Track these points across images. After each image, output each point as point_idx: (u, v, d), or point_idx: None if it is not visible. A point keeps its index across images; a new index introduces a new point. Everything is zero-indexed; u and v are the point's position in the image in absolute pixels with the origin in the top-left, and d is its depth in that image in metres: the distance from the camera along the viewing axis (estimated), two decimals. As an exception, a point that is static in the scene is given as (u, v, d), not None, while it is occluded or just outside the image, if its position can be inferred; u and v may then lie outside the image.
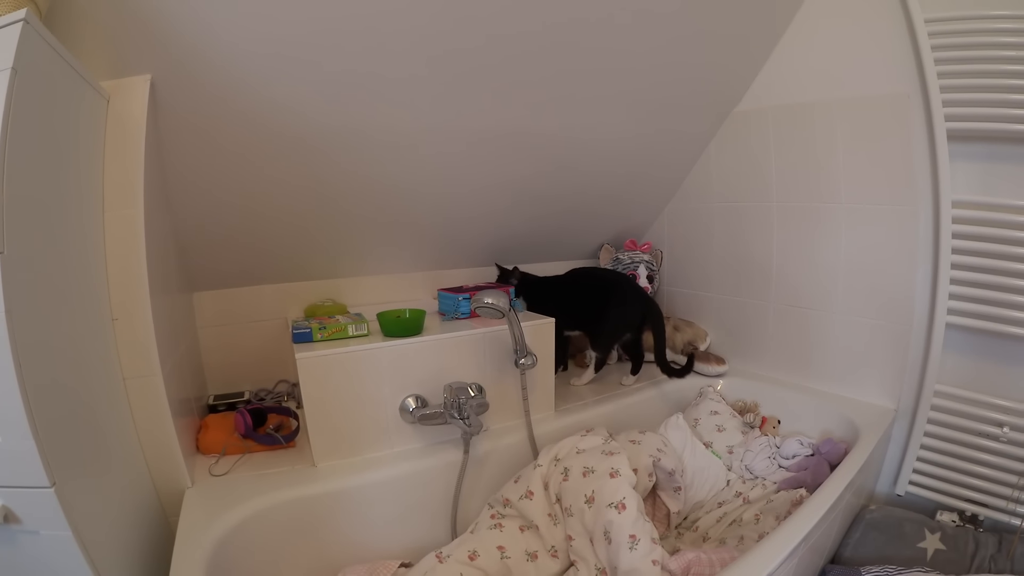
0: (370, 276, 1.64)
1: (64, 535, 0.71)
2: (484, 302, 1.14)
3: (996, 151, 1.24)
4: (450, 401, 1.17)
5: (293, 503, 1.06)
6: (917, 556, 1.22)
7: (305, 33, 0.99)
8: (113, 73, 0.95)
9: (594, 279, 1.70)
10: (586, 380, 1.71)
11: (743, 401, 1.65)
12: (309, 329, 1.19)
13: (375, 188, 1.37)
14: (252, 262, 1.42)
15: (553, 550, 1.12)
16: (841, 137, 1.44)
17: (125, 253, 0.96)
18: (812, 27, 1.46)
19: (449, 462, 1.22)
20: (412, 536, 1.19)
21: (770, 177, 1.61)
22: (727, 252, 1.78)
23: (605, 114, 1.46)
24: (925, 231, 1.33)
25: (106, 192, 0.95)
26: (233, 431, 1.22)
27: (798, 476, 1.32)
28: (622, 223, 1.99)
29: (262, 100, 1.06)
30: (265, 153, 1.17)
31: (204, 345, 1.45)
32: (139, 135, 0.96)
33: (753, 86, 1.61)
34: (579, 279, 1.71)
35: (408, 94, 1.17)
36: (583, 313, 1.63)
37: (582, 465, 1.14)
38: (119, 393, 0.96)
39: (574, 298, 1.64)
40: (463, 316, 1.40)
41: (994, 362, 1.29)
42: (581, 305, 1.63)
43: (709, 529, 1.27)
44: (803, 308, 1.60)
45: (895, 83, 1.32)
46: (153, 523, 1.01)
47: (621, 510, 1.03)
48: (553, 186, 1.64)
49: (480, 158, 1.42)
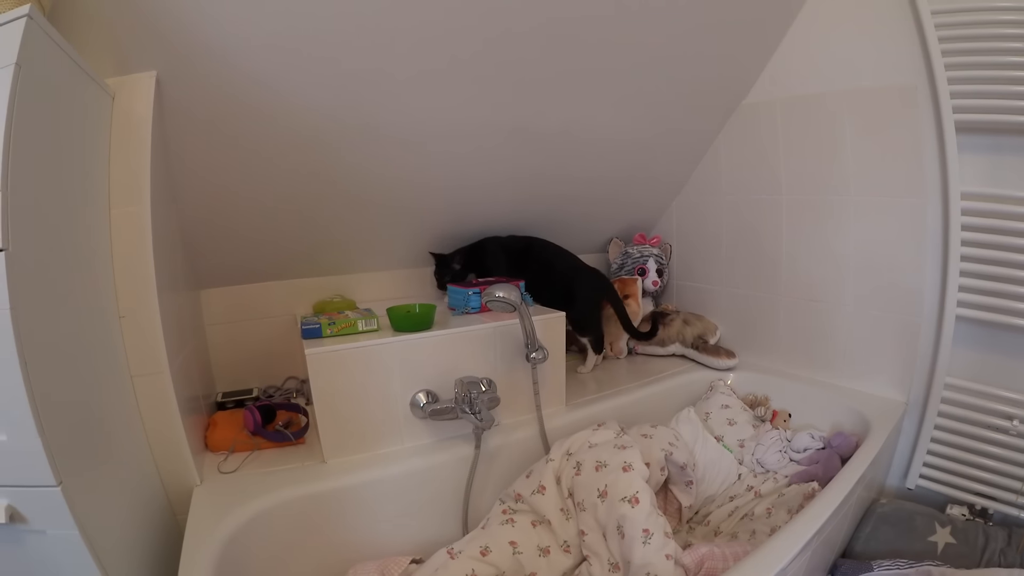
0: (379, 272, 1.64)
1: (71, 534, 0.70)
2: (495, 296, 1.14)
3: (1004, 143, 1.23)
4: (461, 396, 1.16)
5: (303, 500, 1.06)
6: (928, 550, 1.22)
7: (314, 28, 0.98)
8: (118, 70, 0.95)
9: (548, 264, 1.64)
10: (591, 366, 1.71)
11: (754, 395, 1.65)
12: (318, 325, 1.18)
13: (383, 184, 1.36)
14: (260, 258, 1.41)
15: (566, 545, 1.12)
16: (849, 129, 1.43)
17: (132, 250, 0.95)
18: (818, 19, 1.45)
19: (460, 457, 1.21)
20: (423, 532, 1.18)
21: (779, 170, 1.61)
22: (736, 245, 1.77)
23: (613, 107, 1.46)
24: (934, 223, 1.32)
25: (112, 189, 0.94)
26: (242, 428, 1.21)
27: (809, 469, 1.32)
28: (631, 217, 1.98)
29: (270, 96, 1.06)
30: (273, 149, 1.16)
31: (212, 342, 1.44)
32: (145, 132, 0.96)
33: (761, 79, 1.60)
34: (521, 244, 1.65)
35: (418, 90, 1.16)
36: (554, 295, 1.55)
37: (595, 459, 1.13)
38: (127, 391, 0.96)
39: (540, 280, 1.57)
40: (473, 311, 1.39)
41: (1004, 355, 1.28)
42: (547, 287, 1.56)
43: (721, 523, 1.27)
44: (813, 301, 1.60)
45: (903, 75, 1.32)
46: (161, 521, 1.00)
47: (634, 504, 1.02)
48: (561, 181, 1.64)
49: (489, 153, 1.42)
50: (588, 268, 1.69)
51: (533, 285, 1.54)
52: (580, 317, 1.61)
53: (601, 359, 1.77)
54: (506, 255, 1.64)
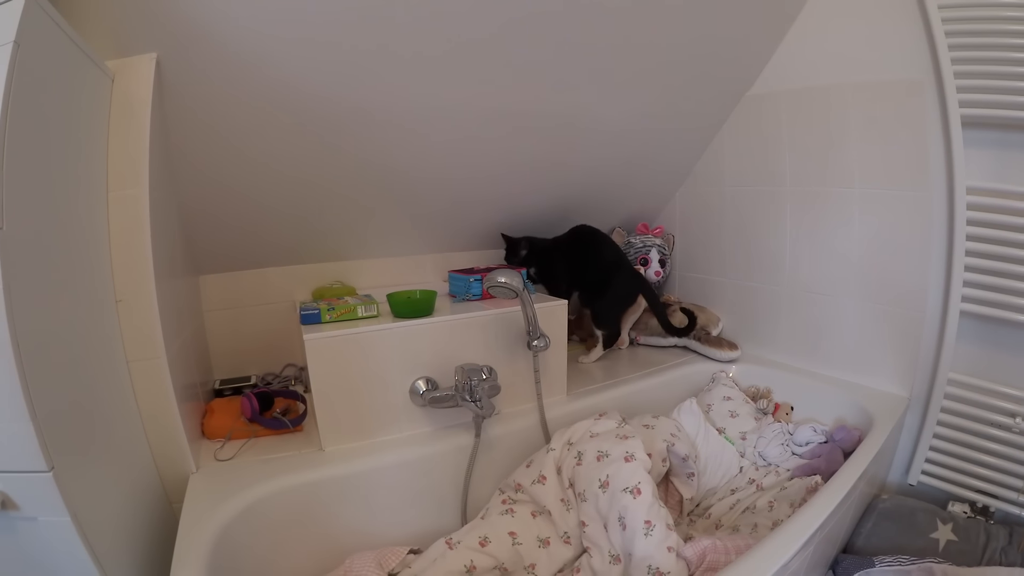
0: (379, 259, 1.63)
1: (63, 520, 0.69)
2: (497, 281, 1.12)
3: (1010, 138, 1.23)
4: (461, 383, 1.15)
5: (300, 488, 1.04)
6: (929, 547, 1.21)
7: (317, 11, 0.96)
8: (118, 52, 0.94)
9: (598, 249, 1.70)
10: (595, 357, 1.71)
11: (756, 387, 1.64)
12: (317, 310, 1.17)
13: (384, 169, 1.35)
14: (259, 245, 1.40)
15: (566, 536, 1.11)
16: (855, 122, 1.42)
17: (129, 234, 0.94)
18: (824, 11, 1.45)
19: (460, 446, 1.20)
20: (421, 522, 1.17)
21: (783, 162, 1.60)
22: (739, 237, 1.76)
23: (616, 97, 1.44)
24: (939, 217, 1.31)
25: (110, 172, 0.93)
26: (239, 415, 1.20)
27: (812, 463, 1.31)
28: (634, 207, 1.98)
29: (271, 80, 1.04)
30: (272, 133, 1.15)
31: (210, 329, 1.43)
32: (144, 115, 0.95)
33: (765, 71, 1.59)
34: (583, 244, 1.70)
35: (418, 74, 1.15)
36: (589, 283, 1.64)
37: (596, 449, 1.12)
38: (122, 376, 0.94)
39: (582, 265, 1.64)
40: (475, 297, 1.38)
41: (1008, 351, 1.28)
42: (587, 273, 1.64)
43: (722, 516, 1.25)
44: (816, 294, 1.59)
45: (909, 69, 1.31)
46: (156, 509, 0.99)
47: (636, 495, 1.01)
48: (563, 169, 1.63)
49: (489, 140, 1.40)
50: (630, 266, 1.73)
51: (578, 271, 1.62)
52: (606, 310, 1.65)
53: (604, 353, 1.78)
54: (557, 246, 1.69)
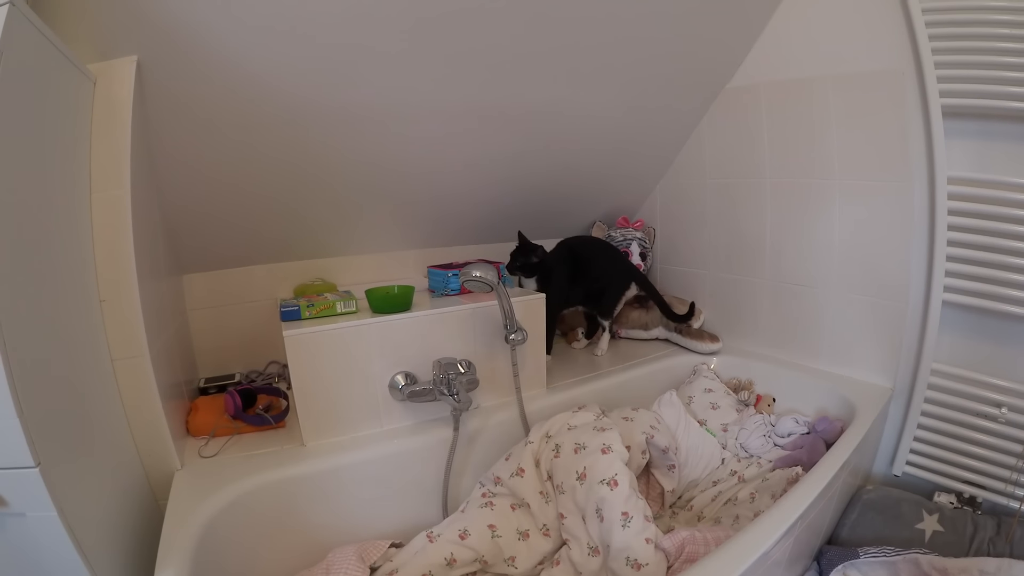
0: (361, 255, 1.63)
1: (50, 516, 0.70)
2: (472, 275, 1.13)
3: (990, 128, 1.22)
4: (439, 377, 1.16)
5: (282, 483, 1.06)
6: (915, 537, 1.21)
7: (294, 5, 0.97)
8: (99, 55, 0.95)
9: (591, 249, 1.72)
10: (604, 348, 1.75)
11: (737, 379, 1.64)
12: (297, 307, 1.18)
13: (364, 166, 1.36)
14: (242, 243, 1.41)
15: (545, 528, 1.12)
16: (835, 113, 1.42)
17: (112, 234, 0.95)
18: (805, 2, 1.44)
19: (440, 440, 1.21)
20: (403, 515, 1.18)
21: (763, 154, 1.60)
22: (720, 229, 1.77)
23: (594, 89, 1.44)
24: (920, 208, 1.31)
25: (93, 173, 0.94)
26: (223, 412, 1.21)
27: (793, 454, 1.31)
28: (614, 200, 1.98)
29: (250, 78, 1.05)
30: (253, 132, 1.16)
31: (195, 327, 1.44)
32: (125, 116, 0.96)
33: (745, 63, 1.59)
34: (578, 251, 1.70)
35: (396, 70, 1.16)
36: (594, 292, 1.68)
37: (573, 441, 1.12)
38: (107, 374, 0.96)
39: (583, 282, 1.66)
40: (453, 292, 1.38)
41: (992, 341, 1.28)
42: (593, 278, 1.67)
43: (704, 508, 1.26)
44: (797, 285, 1.59)
45: (889, 59, 1.31)
46: (142, 505, 1.00)
47: (613, 487, 1.02)
48: (543, 163, 1.63)
49: (468, 134, 1.41)
50: (625, 259, 1.77)
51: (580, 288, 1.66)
52: (612, 303, 1.71)
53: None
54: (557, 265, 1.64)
